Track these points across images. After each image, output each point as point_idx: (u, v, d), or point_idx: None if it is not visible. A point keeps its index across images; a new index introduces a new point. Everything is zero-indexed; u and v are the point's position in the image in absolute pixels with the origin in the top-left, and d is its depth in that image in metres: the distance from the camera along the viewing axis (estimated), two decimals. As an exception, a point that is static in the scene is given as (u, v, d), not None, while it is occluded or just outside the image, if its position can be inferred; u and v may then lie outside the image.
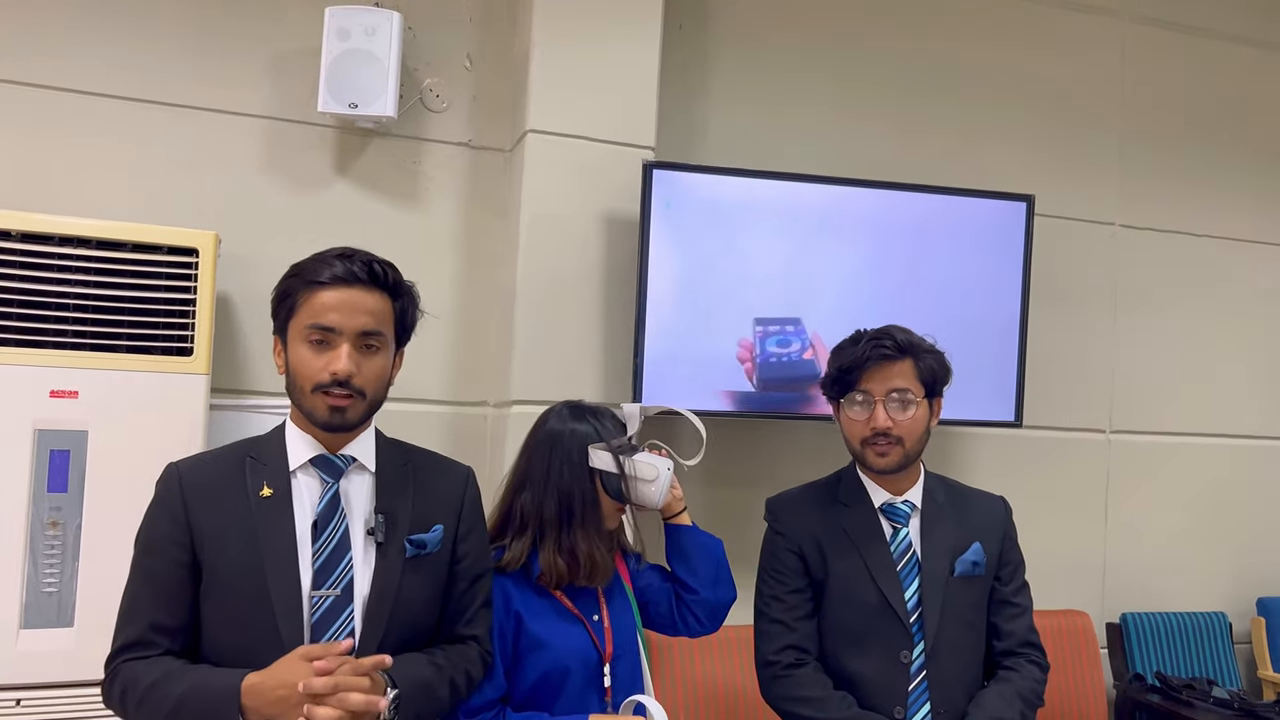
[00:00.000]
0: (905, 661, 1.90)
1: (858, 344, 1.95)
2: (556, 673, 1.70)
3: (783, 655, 1.95)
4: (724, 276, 2.79)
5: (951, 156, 3.31)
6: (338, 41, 2.62)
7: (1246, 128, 3.73)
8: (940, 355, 1.98)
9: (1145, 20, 3.60)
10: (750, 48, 3.15)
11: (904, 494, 2.00)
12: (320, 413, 1.50)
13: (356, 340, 1.51)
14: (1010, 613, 2.00)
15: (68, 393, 2.21)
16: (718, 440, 3.03)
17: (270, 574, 1.46)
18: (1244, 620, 3.59)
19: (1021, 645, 1.98)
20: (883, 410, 1.90)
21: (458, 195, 2.90)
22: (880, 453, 1.92)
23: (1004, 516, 2.07)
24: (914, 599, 1.92)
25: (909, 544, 1.96)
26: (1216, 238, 3.67)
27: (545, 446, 1.77)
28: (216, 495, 1.51)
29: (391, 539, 1.54)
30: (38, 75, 2.56)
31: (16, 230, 2.21)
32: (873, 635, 1.92)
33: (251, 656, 1.44)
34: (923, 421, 1.94)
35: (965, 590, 1.95)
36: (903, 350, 1.92)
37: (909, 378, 1.92)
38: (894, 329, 1.96)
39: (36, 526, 2.18)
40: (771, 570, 2.03)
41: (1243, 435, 3.70)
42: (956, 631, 1.93)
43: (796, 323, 2.84)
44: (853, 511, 1.99)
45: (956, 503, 2.03)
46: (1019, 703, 1.90)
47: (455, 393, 2.88)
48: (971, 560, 1.95)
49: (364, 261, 1.53)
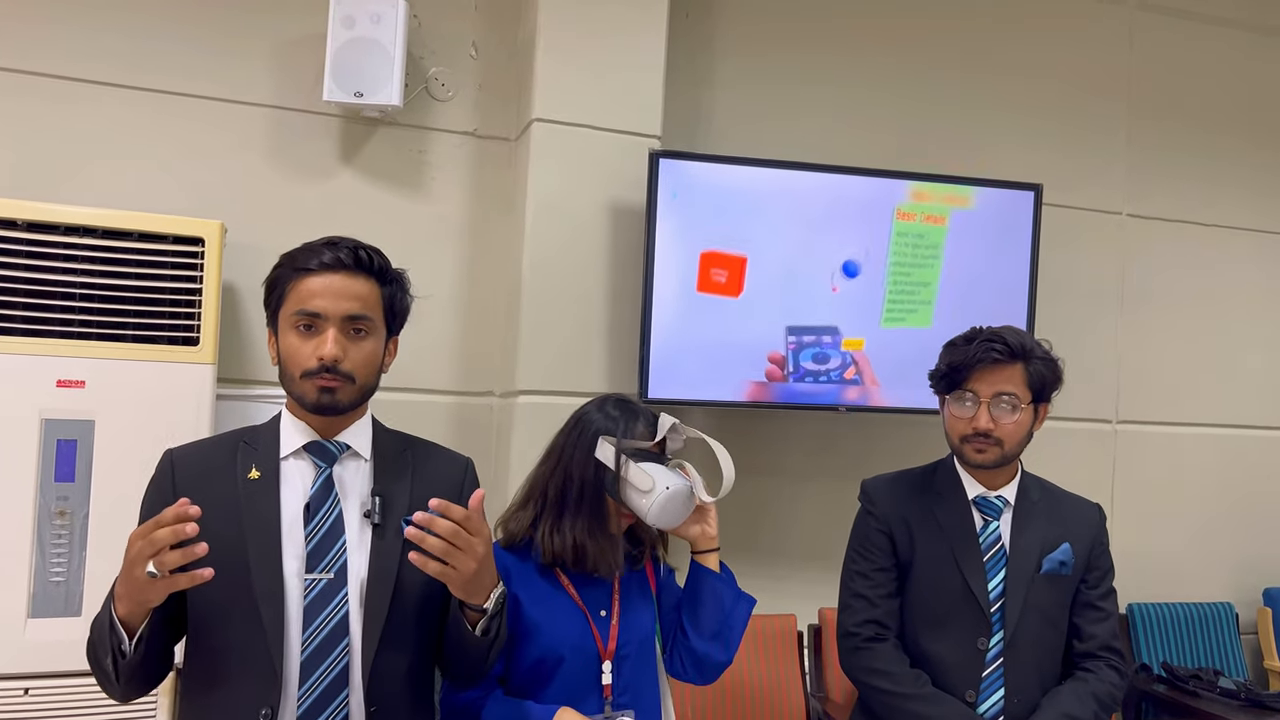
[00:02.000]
0: (982, 649, 1.95)
1: (970, 343, 1.96)
2: (550, 660, 1.69)
3: (863, 629, 2.01)
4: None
5: (959, 145, 3.29)
6: (343, 30, 2.61)
7: (1254, 116, 3.71)
8: (1053, 362, 1.99)
9: (1152, 8, 3.58)
10: (756, 36, 3.13)
11: (998, 489, 2.04)
12: (310, 396, 1.51)
13: (343, 325, 1.51)
14: (1094, 616, 2.03)
15: (74, 382, 2.22)
16: (733, 429, 3.04)
17: (252, 555, 1.46)
18: (1250, 610, 3.58)
19: (1102, 649, 2.01)
20: (986, 412, 1.93)
21: (463, 184, 2.89)
22: (978, 449, 1.96)
23: (1097, 522, 2.10)
24: (997, 589, 1.96)
25: (998, 537, 2.00)
26: (1224, 227, 3.65)
27: (571, 426, 1.78)
28: (206, 478, 1.52)
29: (388, 522, 1.54)
30: (42, 65, 2.56)
31: (23, 220, 2.20)
32: (953, 620, 1.97)
33: (233, 640, 1.45)
34: (1025, 426, 1.97)
35: (1050, 588, 1.99)
36: (1014, 354, 1.93)
37: (1017, 382, 1.94)
38: (1009, 330, 1.97)
39: (44, 516, 2.18)
40: (860, 547, 2.09)
41: (1250, 425, 3.69)
42: (1036, 626, 1.96)
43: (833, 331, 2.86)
44: (946, 501, 2.04)
45: (1050, 503, 2.07)
46: (1093, 703, 1.93)
47: (461, 382, 2.88)
48: (1059, 559, 1.99)
49: (349, 247, 1.53)
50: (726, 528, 2.88)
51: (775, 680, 2.72)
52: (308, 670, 1.45)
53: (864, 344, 2.88)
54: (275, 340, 1.56)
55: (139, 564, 1.30)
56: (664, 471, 1.66)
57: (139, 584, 1.32)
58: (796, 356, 2.83)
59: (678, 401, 2.75)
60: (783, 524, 3.07)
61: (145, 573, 1.30)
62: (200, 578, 1.30)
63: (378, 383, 1.60)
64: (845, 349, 2.87)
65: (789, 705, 2.69)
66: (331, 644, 1.46)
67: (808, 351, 2.84)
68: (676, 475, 1.67)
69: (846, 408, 2.89)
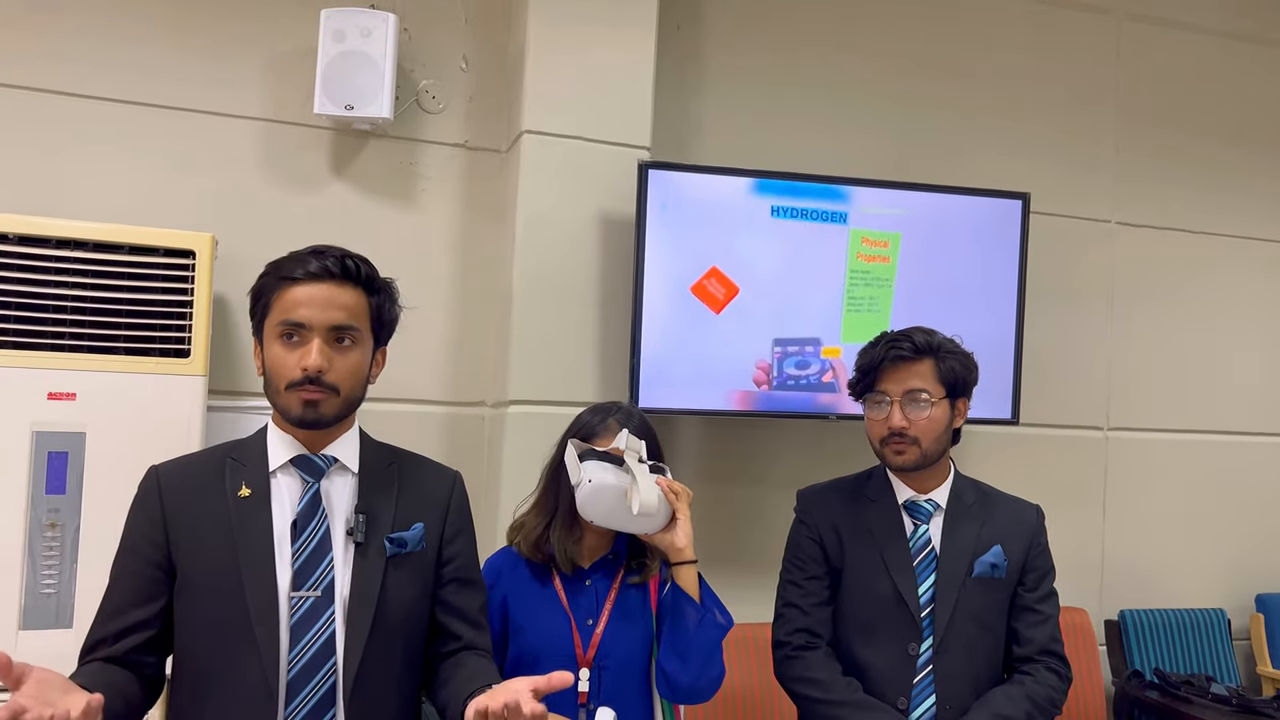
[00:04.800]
0: (912, 654, 1.94)
1: (877, 345, 1.98)
2: (527, 660, 1.73)
3: (794, 637, 2.01)
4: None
5: (947, 154, 3.31)
6: (333, 43, 2.63)
7: (1242, 124, 3.73)
8: (965, 356, 1.99)
9: (1139, 17, 3.60)
10: (746, 47, 3.15)
11: (929, 493, 2.03)
12: (294, 409, 1.48)
13: (328, 335, 1.48)
14: (1032, 619, 2.00)
15: (65, 395, 2.22)
16: (718, 439, 3.05)
17: (246, 574, 1.44)
18: (1243, 616, 3.59)
19: (1041, 652, 1.98)
20: (898, 410, 1.93)
21: (454, 196, 2.91)
22: (897, 451, 1.96)
23: (1034, 523, 2.08)
24: (927, 594, 1.95)
25: (928, 540, 1.99)
26: (1212, 234, 3.68)
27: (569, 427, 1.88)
28: (194, 495, 1.50)
29: (372, 539, 1.52)
30: (34, 79, 2.57)
31: (13, 233, 2.21)
32: (883, 626, 1.96)
33: (226, 658, 1.43)
34: (940, 422, 1.95)
35: (982, 591, 1.97)
36: (920, 351, 1.94)
37: (927, 378, 1.94)
38: (916, 330, 1.98)
39: (35, 528, 2.19)
40: (792, 557, 2.09)
41: (1240, 432, 3.70)
42: (968, 630, 1.95)
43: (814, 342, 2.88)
44: (876, 506, 2.03)
45: (985, 506, 2.05)
46: (1027, 704, 1.91)
47: (452, 393, 2.89)
48: (990, 562, 1.97)
49: (336, 256, 1.51)
50: (717, 536, 2.90)
51: (766, 688, 2.72)
52: (294, 689, 1.43)
53: (840, 353, 2.89)
54: (261, 350, 1.54)
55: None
56: (600, 468, 1.68)
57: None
58: (781, 365, 2.85)
59: (668, 410, 2.77)
60: (774, 532, 3.07)
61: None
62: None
63: (364, 394, 1.58)
64: (825, 356, 2.88)
65: (781, 713, 2.69)
66: (319, 663, 1.45)
67: (791, 359, 2.86)
68: (613, 473, 1.67)
69: (836, 416, 2.90)
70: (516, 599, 1.76)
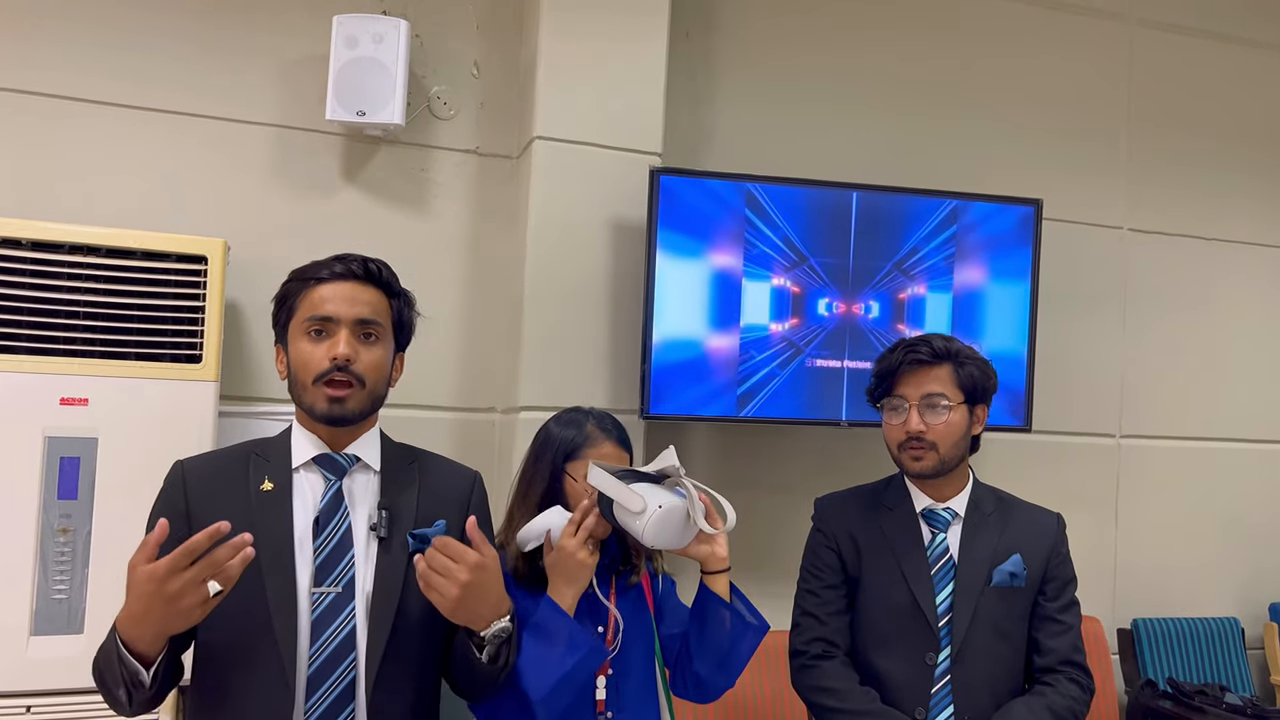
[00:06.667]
0: (930, 664, 1.92)
1: (895, 350, 1.98)
2: None
3: (811, 646, 2.00)
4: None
5: (959, 161, 3.30)
6: (345, 49, 2.63)
7: (1254, 131, 3.71)
8: (983, 363, 1.99)
9: (1152, 24, 3.59)
10: (756, 54, 3.15)
11: (947, 501, 2.02)
12: (320, 405, 1.52)
13: (355, 328, 1.54)
14: (1053, 629, 1.99)
15: (77, 400, 2.22)
16: (734, 445, 3.04)
17: (266, 568, 1.46)
18: (1256, 625, 3.57)
19: (1062, 663, 1.96)
20: (916, 415, 1.93)
21: (465, 202, 2.91)
22: (914, 456, 1.95)
23: (1054, 532, 2.06)
24: (945, 604, 1.94)
25: (946, 549, 1.98)
26: (1225, 241, 3.66)
27: (533, 443, 1.84)
28: (218, 488, 1.53)
29: (394, 535, 1.55)
30: (46, 84, 2.58)
31: (26, 239, 2.22)
32: (900, 635, 1.95)
33: (245, 653, 1.45)
34: (958, 427, 1.95)
35: (1001, 601, 1.96)
36: (939, 356, 1.94)
37: (945, 383, 1.93)
38: (934, 336, 1.99)
39: (46, 533, 2.19)
40: (810, 565, 2.08)
41: (1253, 440, 3.68)
42: (987, 640, 1.93)
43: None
44: (894, 514, 2.03)
45: (1004, 514, 2.04)
46: (1048, 715, 1.89)
47: (463, 399, 2.88)
48: (1009, 571, 1.96)
49: (358, 259, 1.58)
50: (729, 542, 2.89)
51: (778, 697, 2.71)
52: (315, 684, 1.45)
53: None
54: (284, 354, 1.58)
55: (190, 590, 1.29)
56: (655, 490, 1.59)
57: (175, 612, 1.30)
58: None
59: (679, 417, 2.76)
60: (785, 540, 3.06)
61: (198, 598, 1.29)
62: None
63: (386, 394, 1.62)
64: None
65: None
66: (339, 658, 1.47)
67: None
68: (670, 493, 1.60)
69: (848, 422, 2.89)
70: (523, 610, 1.71)
